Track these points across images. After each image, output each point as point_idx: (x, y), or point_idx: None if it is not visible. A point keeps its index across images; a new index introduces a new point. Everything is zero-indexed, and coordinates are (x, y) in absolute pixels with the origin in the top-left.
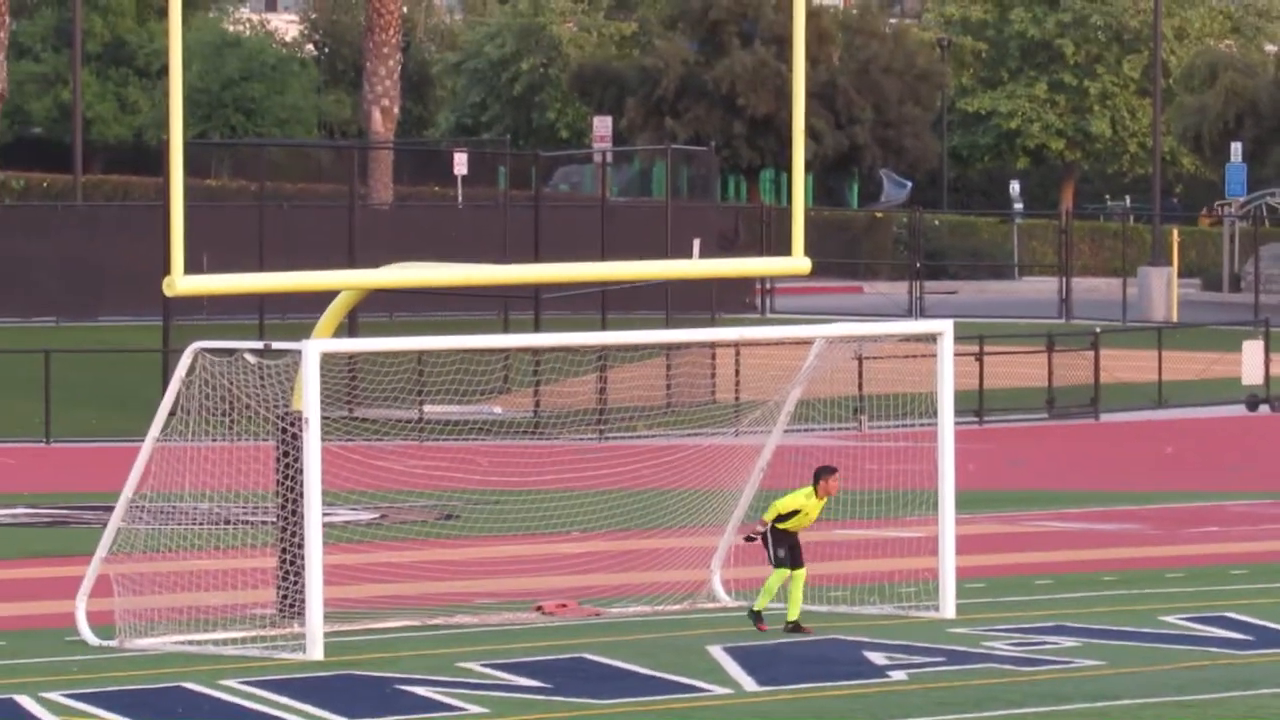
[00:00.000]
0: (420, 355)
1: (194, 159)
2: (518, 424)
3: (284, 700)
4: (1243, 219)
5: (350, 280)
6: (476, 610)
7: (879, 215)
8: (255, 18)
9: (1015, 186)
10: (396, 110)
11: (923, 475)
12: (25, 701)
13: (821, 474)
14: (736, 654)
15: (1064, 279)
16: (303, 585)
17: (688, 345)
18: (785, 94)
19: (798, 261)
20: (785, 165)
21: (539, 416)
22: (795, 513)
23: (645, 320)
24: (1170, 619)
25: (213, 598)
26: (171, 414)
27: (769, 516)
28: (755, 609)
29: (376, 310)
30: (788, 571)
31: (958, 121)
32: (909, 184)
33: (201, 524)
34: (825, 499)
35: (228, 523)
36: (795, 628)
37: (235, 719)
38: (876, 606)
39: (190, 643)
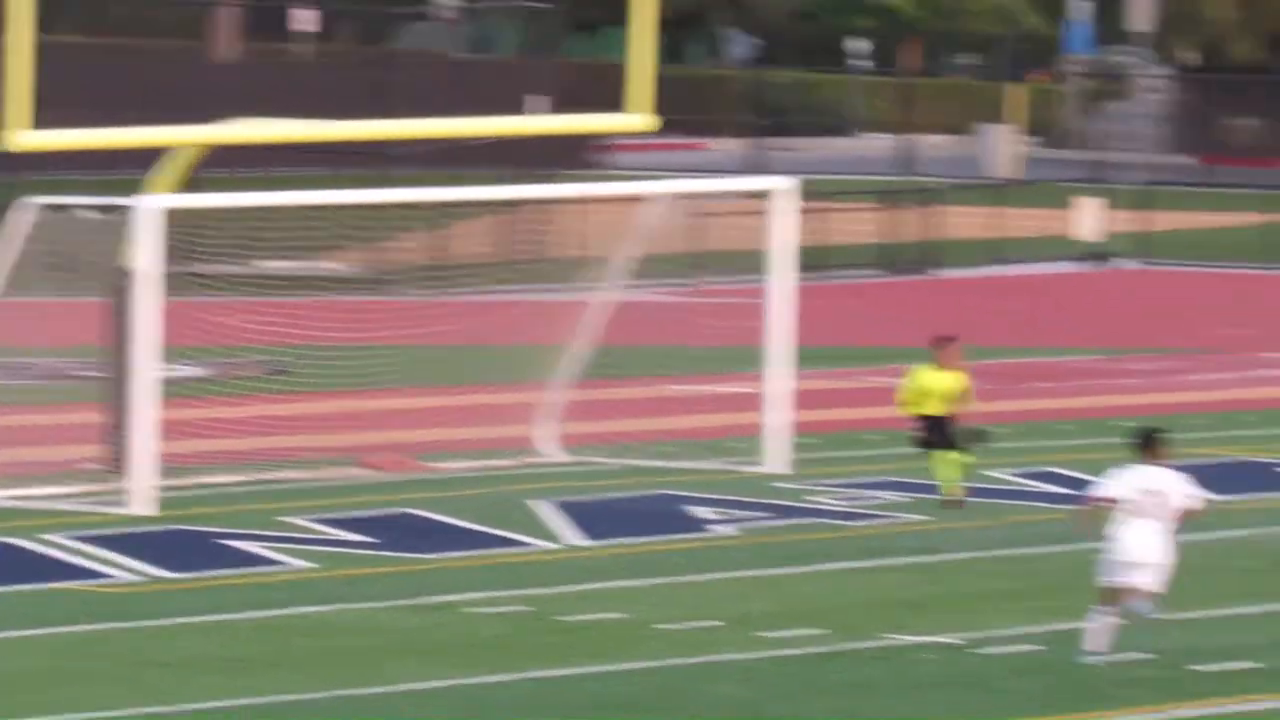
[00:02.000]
0: (260, 211)
1: (38, 12)
2: (357, 280)
3: (110, 555)
4: (1086, 77)
5: (192, 136)
6: (305, 466)
7: (724, 73)
8: None
9: (859, 45)
10: None
11: (760, 332)
12: None
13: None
14: (564, 509)
15: (906, 136)
16: (132, 440)
17: (529, 201)
18: None
19: (642, 118)
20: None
21: (378, 272)
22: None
23: (487, 176)
24: (997, 474)
25: (43, 452)
26: (8, 269)
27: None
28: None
29: (217, 167)
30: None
31: None
32: (752, 41)
33: (35, 379)
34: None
35: (62, 377)
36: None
37: (60, 574)
38: (706, 461)
39: (17, 497)
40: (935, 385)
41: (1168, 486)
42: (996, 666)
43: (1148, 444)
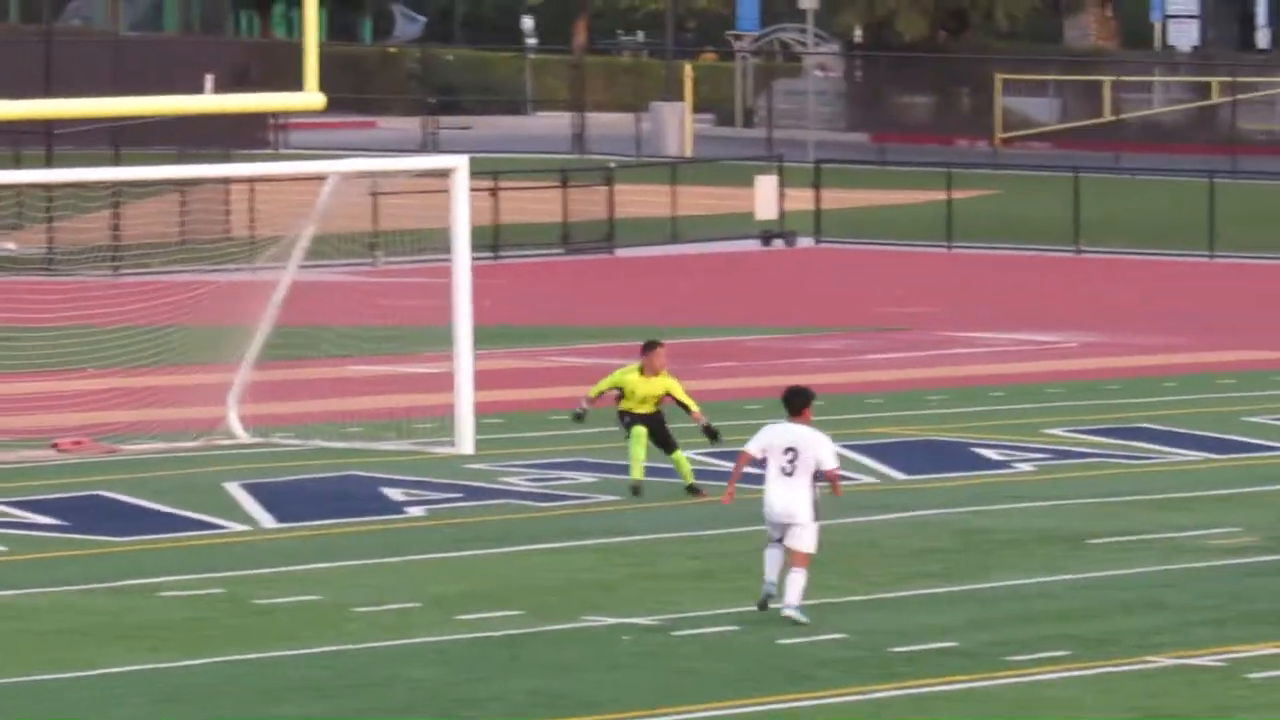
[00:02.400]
0: None
1: None
2: (31, 260)
3: None
4: (755, 54)
5: None
6: None
7: (392, 50)
8: None
9: (528, 22)
10: None
11: (439, 311)
12: None
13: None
14: (254, 490)
15: (579, 115)
16: None
17: (201, 181)
18: None
19: (311, 96)
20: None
21: (53, 253)
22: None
23: (159, 156)
24: (687, 454)
25: None
26: None
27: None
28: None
29: None
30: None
31: None
32: (422, 19)
33: None
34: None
35: None
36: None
37: None
38: (394, 443)
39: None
40: (642, 389)
41: (809, 445)
42: (692, 647)
43: (792, 402)
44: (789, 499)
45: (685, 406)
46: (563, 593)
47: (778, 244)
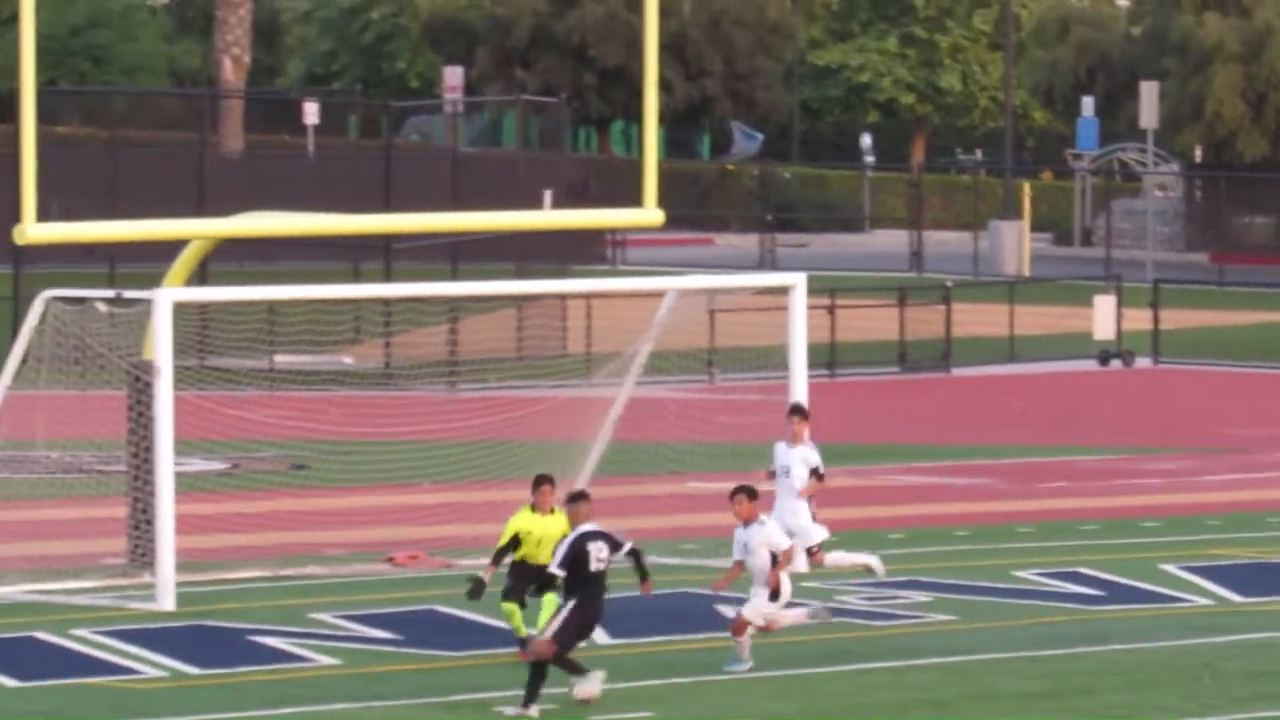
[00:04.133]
0: (272, 305)
1: (43, 106)
2: (369, 375)
3: (135, 650)
4: (1094, 174)
5: (201, 229)
6: (328, 561)
7: (730, 167)
8: None
9: (866, 140)
10: (247, 59)
11: (774, 428)
12: None
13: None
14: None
15: (916, 233)
16: (154, 535)
17: (539, 296)
18: (636, 45)
19: (650, 213)
20: (636, 116)
21: (390, 367)
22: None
23: (496, 271)
24: (1023, 574)
25: (64, 547)
26: (23, 362)
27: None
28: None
29: (227, 260)
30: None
31: (808, 74)
32: (760, 136)
33: (53, 473)
34: (552, 513)
35: (80, 471)
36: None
37: (86, 669)
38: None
39: (41, 592)
40: (539, 530)
41: (795, 462)
42: None
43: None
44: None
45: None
46: (896, 711)
47: (1115, 364)
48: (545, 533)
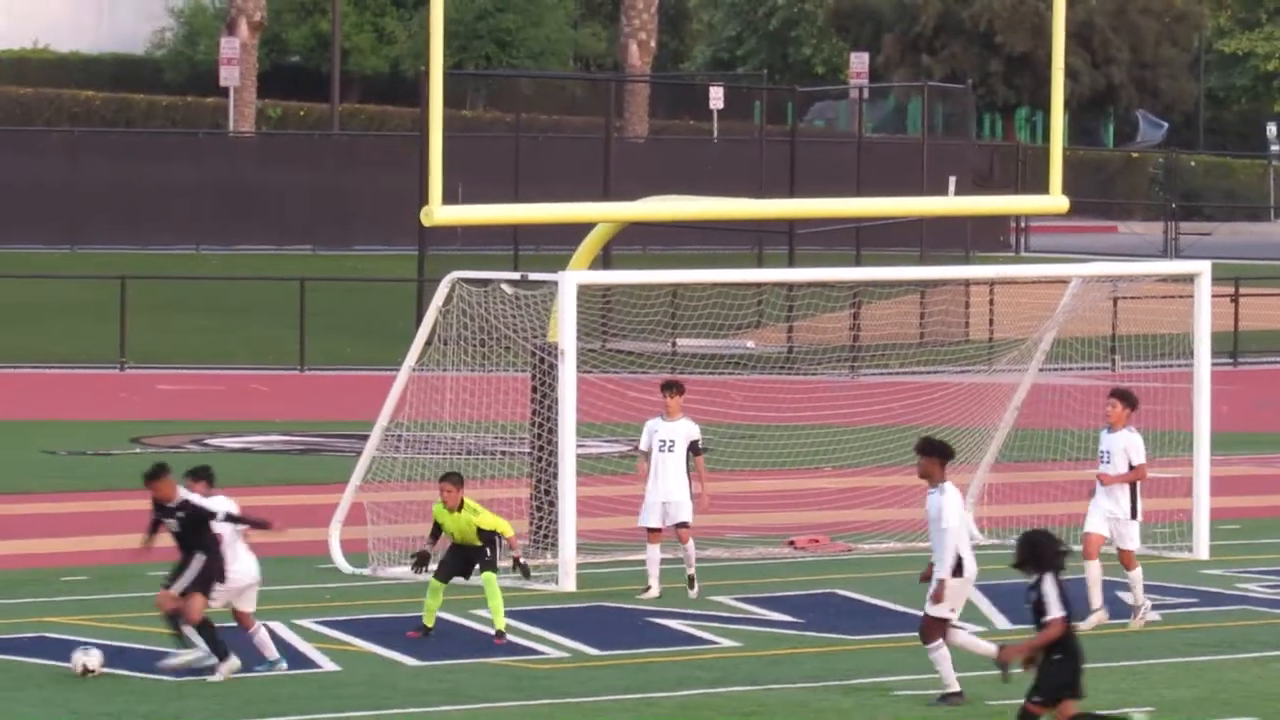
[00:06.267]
0: (675, 289)
1: (449, 90)
2: (771, 359)
3: (536, 631)
4: None
5: (606, 213)
6: (729, 544)
7: (1135, 155)
8: None
9: (1272, 129)
10: (653, 44)
11: (1177, 416)
12: (279, 627)
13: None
14: (989, 592)
15: None
16: (555, 517)
17: (942, 282)
18: (1043, 32)
19: (1055, 200)
20: (1041, 104)
21: (792, 352)
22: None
23: (899, 257)
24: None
25: None
26: (427, 343)
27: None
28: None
29: (631, 243)
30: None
31: (1215, 63)
32: (1165, 125)
33: (455, 454)
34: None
35: (482, 453)
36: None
37: (487, 650)
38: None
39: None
40: (449, 524)
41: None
42: None
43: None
44: None
45: (496, 533)
46: None
47: None
48: (453, 526)
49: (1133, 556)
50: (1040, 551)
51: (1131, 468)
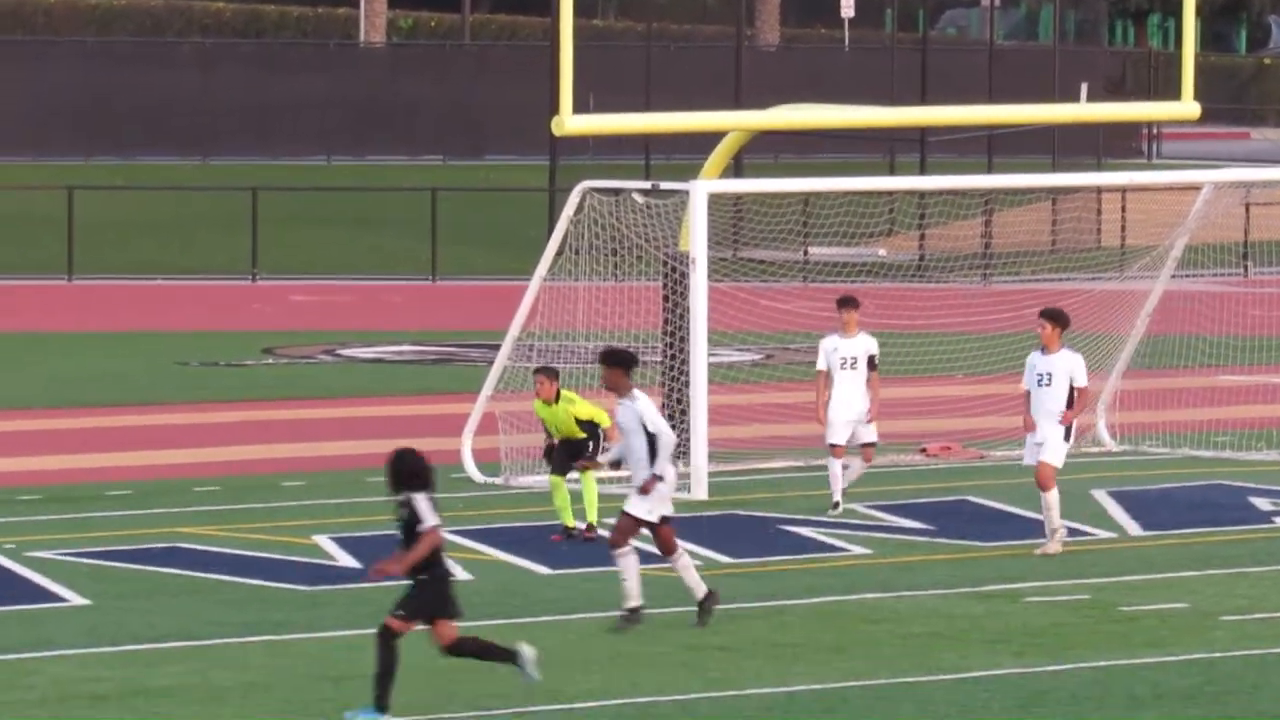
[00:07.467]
0: (807, 197)
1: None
2: (903, 267)
3: None
4: None
5: (737, 121)
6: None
7: (1267, 61)
8: None
9: None
10: None
11: None
12: None
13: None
14: (1121, 498)
15: None
16: (688, 425)
17: (1074, 190)
18: None
19: (1187, 106)
20: (1173, 9)
21: (924, 260)
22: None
23: (1031, 164)
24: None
25: None
26: (559, 253)
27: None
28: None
29: (762, 152)
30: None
31: None
32: None
33: (587, 363)
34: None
35: None
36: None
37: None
38: (1263, 453)
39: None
40: (549, 420)
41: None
42: None
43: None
44: None
45: (595, 423)
46: None
47: None
48: (552, 420)
49: (1053, 476)
50: (406, 470)
51: (1074, 389)
